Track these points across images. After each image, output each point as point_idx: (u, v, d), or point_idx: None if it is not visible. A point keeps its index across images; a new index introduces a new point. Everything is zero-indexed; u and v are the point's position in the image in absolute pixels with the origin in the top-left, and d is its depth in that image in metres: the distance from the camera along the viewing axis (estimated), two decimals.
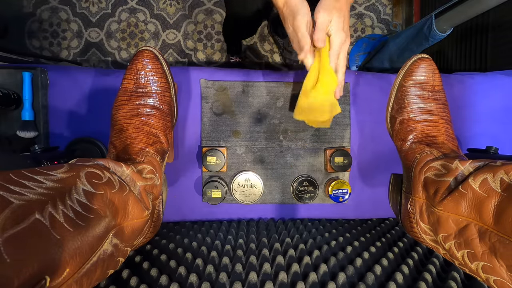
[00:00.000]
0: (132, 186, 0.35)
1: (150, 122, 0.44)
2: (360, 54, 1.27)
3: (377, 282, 0.40)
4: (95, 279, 0.27)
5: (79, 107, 0.62)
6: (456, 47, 1.02)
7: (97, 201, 0.27)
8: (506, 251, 0.26)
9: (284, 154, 0.65)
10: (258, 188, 0.62)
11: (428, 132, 0.44)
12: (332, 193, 0.62)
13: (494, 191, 0.29)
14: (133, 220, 0.34)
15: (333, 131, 0.65)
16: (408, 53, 0.89)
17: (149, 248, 0.50)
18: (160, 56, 0.46)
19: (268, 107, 0.64)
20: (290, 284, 0.40)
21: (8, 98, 0.55)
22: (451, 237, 0.33)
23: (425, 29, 0.79)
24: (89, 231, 0.25)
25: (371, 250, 0.49)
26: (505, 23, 0.84)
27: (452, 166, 0.36)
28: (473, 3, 0.66)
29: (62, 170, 0.27)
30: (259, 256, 0.46)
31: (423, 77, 0.46)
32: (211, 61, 1.31)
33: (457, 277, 0.41)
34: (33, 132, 0.58)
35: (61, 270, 0.21)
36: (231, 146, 0.64)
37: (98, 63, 1.29)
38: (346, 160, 0.62)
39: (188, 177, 0.64)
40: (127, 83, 0.45)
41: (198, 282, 0.40)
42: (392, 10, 1.35)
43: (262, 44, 1.32)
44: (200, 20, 1.30)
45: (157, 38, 1.29)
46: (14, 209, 0.20)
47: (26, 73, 0.57)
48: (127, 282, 0.40)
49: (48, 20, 1.28)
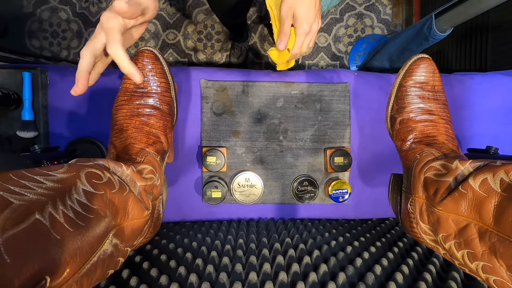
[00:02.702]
0: (132, 186, 0.35)
1: (150, 122, 0.44)
2: (360, 54, 1.27)
3: (377, 282, 0.40)
4: (95, 279, 0.27)
5: (79, 107, 0.62)
6: (456, 47, 1.02)
7: (97, 201, 0.27)
8: (506, 251, 0.26)
9: (284, 154, 0.65)
10: (258, 188, 0.62)
11: (428, 132, 0.44)
12: (332, 193, 0.62)
13: (494, 191, 0.29)
14: (133, 220, 0.34)
15: (333, 131, 0.65)
16: (408, 53, 0.89)
17: (149, 248, 0.50)
18: (160, 56, 0.46)
19: (268, 107, 0.64)
20: (290, 284, 0.40)
21: (8, 98, 0.55)
22: (451, 237, 0.33)
23: (425, 29, 0.79)
24: (89, 231, 0.25)
25: (371, 250, 0.49)
26: (505, 23, 0.84)
27: (452, 166, 0.36)
28: (473, 3, 0.66)
29: (62, 170, 0.27)
30: (259, 256, 0.46)
31: (423, 77, 0.46)
32: (211, 61, 1.31)
33: (457, 277, 0.41)
34: (33, 132, 0.58)
35: (61, 270, 0.21)
36: (231, 146, 0.64)
37: None
38: (346, 160, 0.62)
39: (188, 177, 0.64)
40: (127, 83, 0.45)
41: (198, 282, 0.40)
42: (392, 10, 1.35)
43: (262, 44, 1.32)
44: (200, 20, 1.30)
45: (157, 38, 1.29)
46: (14, 209, 0.20)
47: (26, 73, 0.57)
48: (127, 282, 0.40)
49: (48, 20, 1.28)
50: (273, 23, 0.49)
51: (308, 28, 0.45)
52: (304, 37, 0.46)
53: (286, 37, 0.46)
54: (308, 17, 0.45)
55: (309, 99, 0.65)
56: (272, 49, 0.51)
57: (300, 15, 0.44)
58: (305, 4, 0.44)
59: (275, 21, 0.49)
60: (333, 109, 0.65)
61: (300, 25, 0.45)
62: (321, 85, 0.65)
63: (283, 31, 0.46)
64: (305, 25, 0.45)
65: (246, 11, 0.91)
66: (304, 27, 0.45)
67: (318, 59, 1.33)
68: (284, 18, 0.45)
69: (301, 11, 0.44)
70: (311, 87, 0.65)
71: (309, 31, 0.46)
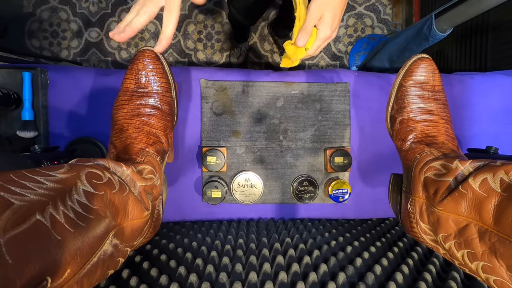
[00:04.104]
0: (132, 186, 0.35)
1: (150, 122, 0.44)
2: (360, 54, 1.27)
3: (377, 282, 0.40)
4: (96, 279, 0.27)
5: (79, 107, 0.62)
6: (456, 47, 1.02)
7: (97, 201, 0.27)
8: (506, 251, 0.26)
9: (284, 154, 0.65)
10: (258, 188, 0.62)
11: (428, 132, 0.44)
12: (332, 193, 0.62)
13: (494, 191, 0.29)
14: (133, 221, 0.34)
15: (333, 131, 0.65)
16: (408, 53, 0.89)
17: (149, 248, 0.50)
18: (161, 56, 0.46)
19: (268, 107, 0.64)
20: (290, 284, 0.40)
21: (8, 98, 0.55)
22: (451, 237, 0.33)
23: (425, 29, 0.79)
24: (90, 231, 0.25)
25: (371, 250, 0.49)
26: (505, 23, 0.84)
27: (452, 166, 0.36)
28: (473, 3, 0.66)
29: (63, 171, 0.27)
30: (259, 256, 0.46)
31: (423, 77, 0.46)
32: (211, 61, 1.31)
33: (457, 277, 0.41)
34: (33, 132, 0.58)
35: (62, 270, 0.21)
36: (231, 146, 0.64)
37: (98, 63, 1.29)
38: (346, 160, 0.62)
39: (188, 177, 0.64)
40: (128, 83, 0.45)
41: (198, 282, 0.40)
42: (392, 10, 1.35)
43: (262, 44, 1.32)
44: (200, 20, 1.30)
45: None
46: (15, 210, 0.20)
47: (26, 73, 0.57)
48: (127, 282, 0.40)
49: (48, 20, 1.28)
50: (297, 18, 0.48)
51: (329, 34, 0.45)
52: (323, 41, 0.46)
53: (307, 36, 0.45)
54: (333, 23, 0.45)
55: (309, 99, 0.65)
56: (289, 43, 0.50)
57: (327, 20, 0.44)
58: (334, 9, 0.44)
59: (299, 16, 0.48)
60: (333, 109, 0.65)
61: (324, 29, 0.45)
62: (321, 85, 0.65)
63: (306, 30, 0.45)
64: (328, 30, 0.45)
65: (264, 11, 0.92)
66: (326, 32, 0.45)
67: (318, 59, 1.33)
68: (311, 17, 0.44)
69: (329, 16, 0.44)
70: (311, 87, 0.65)
71: (329, 37, 0.46)
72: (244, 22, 0.95)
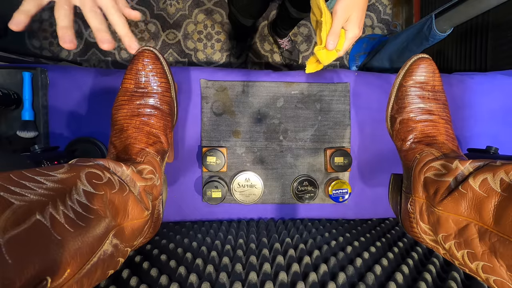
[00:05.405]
0: (132, 186, 0.35)
1: (150, 122, 0.44)
2: (360, 54, 1.27)
3: (377, 282, 0.40)
4: (96, 279, 0.27)
5: (79, 107, 0.62)
6: (456, 47, 1.02)
7: (97, 201, 0.27)
8: (506, 251, 0.26)
9: (284, 154, 0.65)
10: (258, 188, 0.62)
11: (428, 132, 0.44)
12: (332, 193, 0.62)
13: (494, 191, 0.29)
14: (133, 221, 0.34)
15: (333, 131, 0.65)
16: (408, 53, 0.89)
17: (149, 248, 0.50)
18: (161, 56, 0.46)
19: (268, 107, 0.64)
20: (290, 284, 0.40)
21: (8, 98, 0.55)
22: (451, 237, 0.33)
23: (425, 29, 0.79)
24: (90, 231, 0.25)
25: (371, 250, 0.49)
26: (505, 23, 0.84)
27: (452, 166, 0.36)
28: (474, 2, 0.66)
29: (62, 171, 0.27)
30: (259, 256, 0.46)
31: (423, 77, 0.46)
32: (211, 61, 1.31)
33: (457, 277, 0.41)
34: (33, 132, 0.58)
35: (62, 270, 0.21)
36: (231, 146, 0.64)
37: (98, 63, 1.29)
38: (346, 160, 0.62)
39: (188, 177, 0.64)
40: (128, 83, 0.45)
41: (198, 282, 0.40)
42: (392, 10, 1.35)
43: (262, 44, 1.32)
44: (200, 20, 1.30)
45: (157, 38, 1.29)
46: (15, 210, 0.20)
47: (26, 73, 0.57)
48: (127, 282, 0.40)
49: (48, 20, 1.28)
50: (324, 22, 0.48)
51: (358, 32, 0.46)
52: (352, 41, 0.47)
53: (337, 38, 0.46)
54: (361, 22, 0.45)
55: (309, 99, 0.65)
56: (319, 48, 0.50)
57: (354, 19, 0.45)
58: (359, 9, 0.44)
59: (325, 21, 0.48)
60: (333, 109, 0.65)
61: (353, 29, 0.45)
62: (321, 85, 0.65)
63: (335, 31, 0.45)
64: (357, 29, 0.45)
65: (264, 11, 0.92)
66: (355, 31, 0.45)
67: None
68: (339, 19, 0.44)
69: (355, 16, 0.44)
70: (311, 87, 0.65)
71: (358, 35, 0.46)
72: (244, 22, 0.95)
